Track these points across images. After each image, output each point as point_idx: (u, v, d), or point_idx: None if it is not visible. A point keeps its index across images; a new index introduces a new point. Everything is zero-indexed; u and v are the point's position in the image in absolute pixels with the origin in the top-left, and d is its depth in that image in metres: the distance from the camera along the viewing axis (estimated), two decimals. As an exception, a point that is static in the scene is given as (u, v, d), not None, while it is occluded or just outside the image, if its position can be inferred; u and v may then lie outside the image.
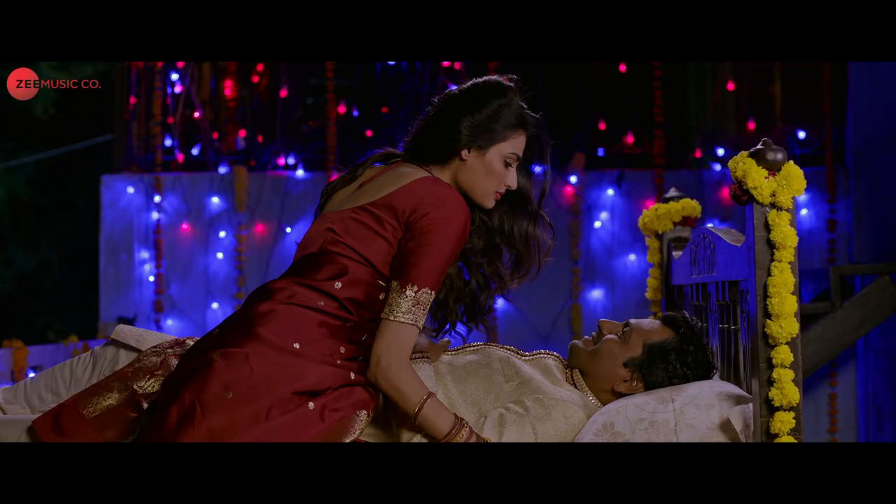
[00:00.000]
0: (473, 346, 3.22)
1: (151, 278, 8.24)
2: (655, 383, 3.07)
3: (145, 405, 2.84)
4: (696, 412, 2.84)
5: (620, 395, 3.09)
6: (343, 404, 2.71)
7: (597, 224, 8.23)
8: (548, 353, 3.25)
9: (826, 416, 7.67)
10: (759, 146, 2.67)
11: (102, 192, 8.29)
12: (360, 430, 2.72)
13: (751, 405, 2.70)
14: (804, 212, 8.04)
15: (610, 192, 8.27)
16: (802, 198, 7.86)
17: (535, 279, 3.08)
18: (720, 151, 8.35)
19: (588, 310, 8.09)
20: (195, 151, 8.60)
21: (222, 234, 8.31)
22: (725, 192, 8.04)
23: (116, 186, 8.32)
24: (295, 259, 2.89)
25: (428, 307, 2.76)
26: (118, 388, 2.88)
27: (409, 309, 2.73)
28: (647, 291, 4.40)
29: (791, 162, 2.65)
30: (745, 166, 2.64)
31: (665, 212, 4.22)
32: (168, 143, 8.51)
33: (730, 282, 3.06)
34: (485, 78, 2.97)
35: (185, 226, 8.31)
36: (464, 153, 2.89)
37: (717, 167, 8.33)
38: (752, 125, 8.28)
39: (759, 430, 2.62)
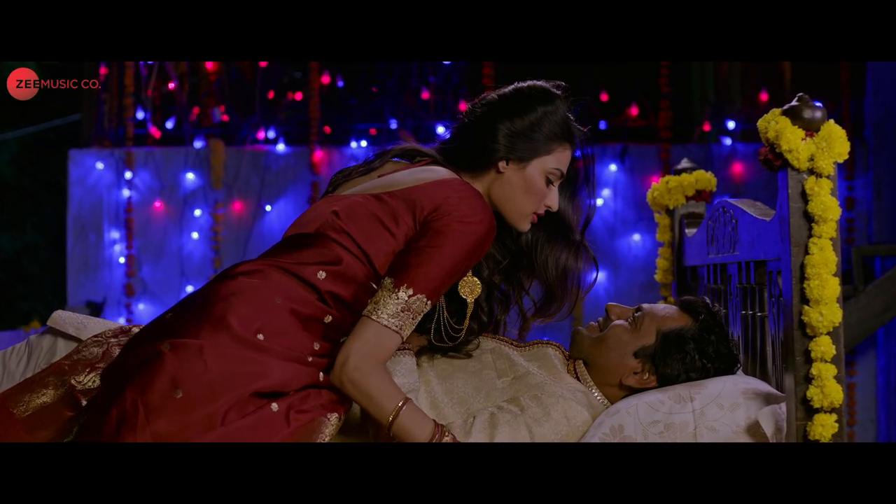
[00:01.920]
0: (461, 335, 2.98)
1: (122, 260, 8.19)
2: (670, 376, 2.83)
3: (84, 402, 2.64)
4: (719, 413, 2.62)
5: (630, 391, 2.86)
6: (311, 405, 2.49)
7: (598, 202, 8.03)
8: (547, 343, 3.02)
9: (843, 407, 7.41)
10: (794, 102, 2.45)
11: (70, 169, 8.23)
12: (331, 434, 2.52)
13: (783, 405, 2.51)
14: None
15: (612, 167, 8.11)
16: None
17: (565, 317, 2.95)
18: (730, 124, 8.23)
19: (589, 294, 7.81)
20: (169, 125, 8.52)
21: (198, 212, 8.24)
22: (737, 168, 7.91)
23: (85, 162, 8.26)
24: (284, 236, 2.71)
25: (418, 318, 2.56)
26: (54, 383, 2.67)
27: (396, 313, 2.52)
28: (655, 273, 4.21)
29: (831, 121, 2.45)
30: (777, 126, 2.43)
31: (677, 185, 3.99)
32: (140, 115, 8.42)
33: (756, 262, 2.85)
34: (529, 82, 2.80)
35: (157, 204, 8.24)
36: (501, 165, 2.71)
37: (728, 141, 8.20)
38: (764, 96, 8.14)
39: (795, 435, 2.40)
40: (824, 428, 2.36)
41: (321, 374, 2.55)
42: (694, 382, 2.76)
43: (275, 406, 2.44)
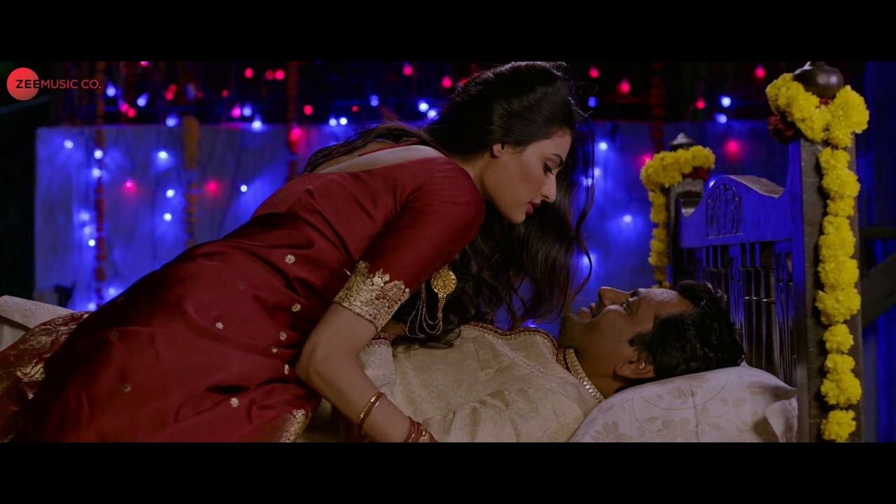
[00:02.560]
0: (440, 322, 2.85)
1: (92, 242, 8.17)
2: (668, 366, 2.69)
3: (31, 396, 2.48)
4: (723, 409, 2.47)
5: (624, 382, 2.73)
6: (276, 401, 2.36)
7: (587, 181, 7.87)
8: (535, 330, 2.88)
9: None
10: (806, 67, 2.29)
11: (38, 148, 8.29)
12: (297, 433, 2.38)
13: (794, 401, 2.38)
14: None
15: (603, 146, 8.07)
16: None
17: (556, 320, 2.88)
18: (725, 101, 8.16)
19: (579, 279, 7.77)
20: (141, 102, 8.50)
21: (171, 193, 8.19)
22: (732, 146, 7.87)
23: (53, 141, 8.25)
24: (252, 216, 2.61)
25: (395, 306, 2.42)
26: (-3, 374, 2.54)
27: (370, 300, 2.38)
28: (649, 256, 4.11)
29: (848, 87, 2.29)
30: (789, 92, 2.27)
31: (673, 161, 3.88)
32: (111, 92, 8.40)
33: (761, 243, 2.73)
34: (528, 62, 2.71)
35: (129, 184, 8.22)
36: (496, 148, 2.62)
37: (722, 118, 8.14)
38: (760, 72, 8.08)
39: (808, 434, 2.25)
40: (840, 426, 2.20)
41: (287, 366, 2.41)
42: (694, 375, 2.63)
43: (235, 401, 2.30)
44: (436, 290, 2.68)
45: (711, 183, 3.30)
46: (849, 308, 2.20)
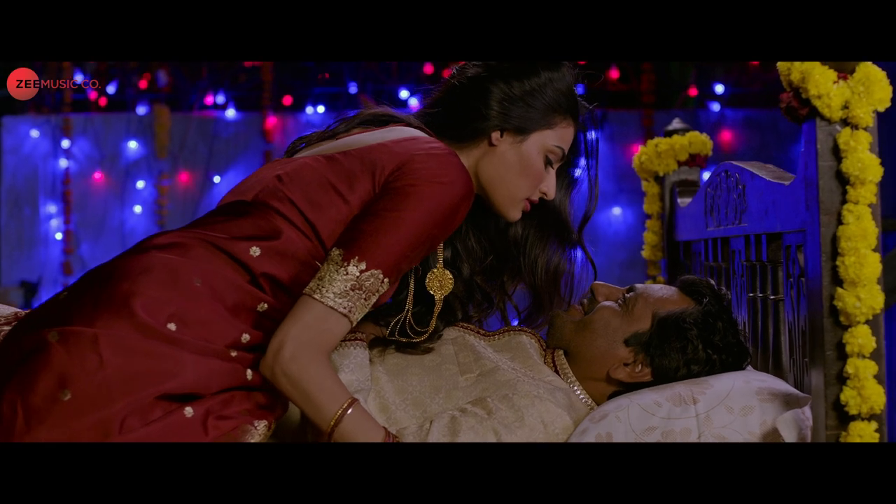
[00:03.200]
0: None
1: (59, 235, 8.16)
2: (667, 369, 2.54)
3: None
4: (728, 418, 2.31)
5: (619, 386, 2.58)
6: (235, 410, 2.22)
7: (576, 172, 7.88)
8: (521, 330, 2.73)
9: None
10: None
11: (3, 137, 8.36)
12: None
13: (807, 409, 2.23)
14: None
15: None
16: None
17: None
18: (718, 88, 8.16)
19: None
20: (111, 89, 8.46)
21: (141, 184, 8.20)
22: (726, 135, 7.92)
23: (19, 130, 8.25)
24: (218, 204, 2.48)
25: (373, 298, 2.27)
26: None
27: (344, 291, 2.23)
28: (642, 250, 4.04)
29: (869, 62, 2.15)
30: (803, 66, 2.14)
31: (667, 148, 3.77)
32: (79, 79, 8.37)
33: (769, 234, 2.60)
34: None
35: (97, 175, 8.19)
36: (494, 136, 2.49)
37: (716, 106, 8.14)
38: None
39: None
40: (862, 439, 2.05)
41: (249, 371, 2.26)
42: (696, 380, 2.47)
43: (189, 411, 2.16)
44: (431, 292, 2.56)
45: (706, 175, 3.26)
46: (871, 307, 2.06)
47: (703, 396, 2.35)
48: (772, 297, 2.62)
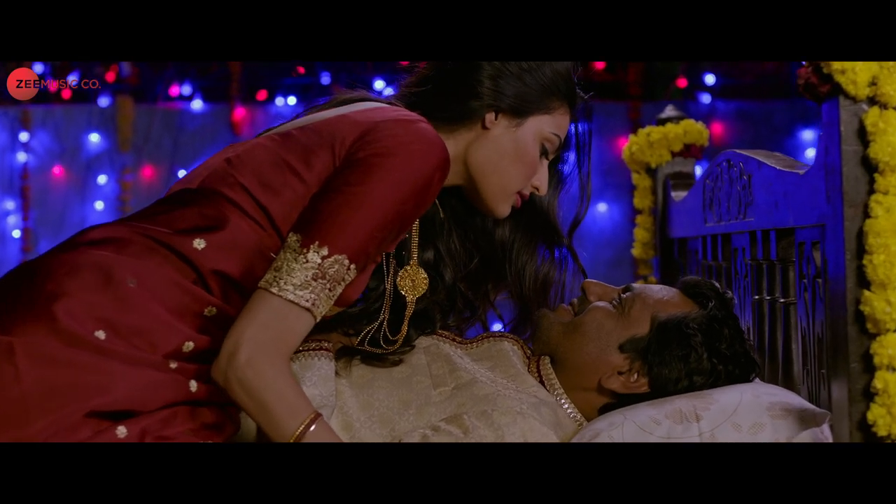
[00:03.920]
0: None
1: (17, 233, 8.04)
2: (667, 380, 2.38)
3: None
4: (736, 436, 2.17)
5: (611, 398, 2.41)
6: (177, 430, 2.07)
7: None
8: (502, 335, 2.57)
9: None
10: None
11: None
12: None
13: (826, 428, 2.14)
14: (810, 152, 7.71)
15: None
16: (809, 135, 7.75)
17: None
18: (709, 78, 8.14)
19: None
20: (72, 79, 8.33)
21: (103, 178, 8.09)
22: (717, 128, 7.89)
23: None
24: (165, 194, 2.35)
25: (338, 289, 2.09)
26: None
27: (305, 282, 2.04)
28: (632, 247, 4.01)
29: None
30: None
31: (660, 137, 3.74)
32: (38, 69, 8.15)
33: (778, 230, 2.49)
34: None
35: (57, 169, 8.09)
36: (489, 118, 2.34)
37: (706, 98, 8.13)
38: None
39: None
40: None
41: (194, 383, 2.08)
42: (698, 394, 2.32)
43: (122, 430, 2.00)
44: (403, 292, 2.42)
45: (699, 171, 3.30)
46: (904, 312, 1.91)
47: (707, 413, 2.20)
48: (781, 301, 2.51)
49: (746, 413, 2.18)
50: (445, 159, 2.18)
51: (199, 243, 2.09)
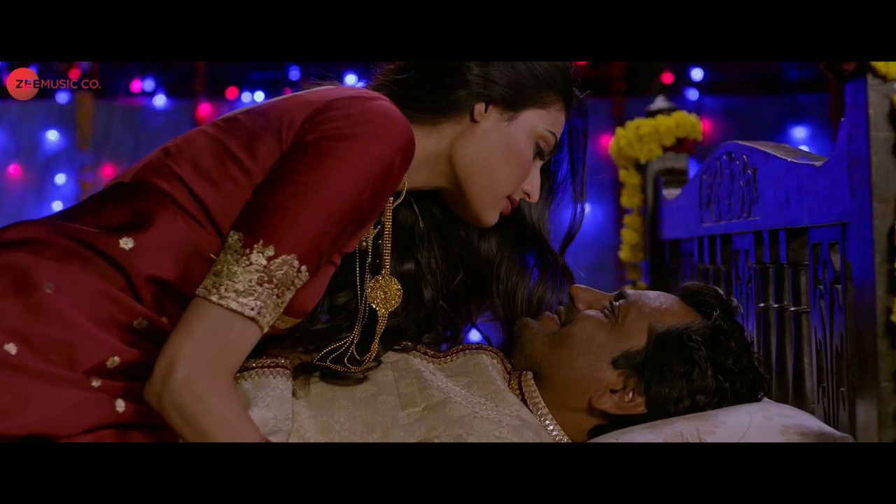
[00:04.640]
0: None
1: None
2: (667, 399, 2.22)
3: None
4: None
5: (603, 419, 2.24)
6: None
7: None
8: (479, 347, 2.39)
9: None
10: None
11: None
12: None
13: None
14: (802, 149, 7.73)
15: None
16: (800, 132, 7.73)
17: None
18: (696, 73, 8.16)
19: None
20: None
21: (61, 178, 8.18)
22: (704, 126, 7.70)
23: None
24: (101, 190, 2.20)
25: (287, 294, 1.91)
26: None
27: (249, 288, 1.86)
28: (619, 250, 3.95)
29: None
30: None
31: (651, 131, 3.66)
32: None
33: (788, 230, 2.33)
34: None
35: (13, 168, 8.18)
36: (478, 110, 2.17)
37: (693, 94, 8.13)
38: None
39: None
40: None
41: (121, 402, 1.90)
42: (701, 414, 2.16)
43: None
44: (374, 305, 2.25)
45: (692, 171, 3.20)
46: (944, 324, 1.71)
47: (712, 437, 2.05)
48: (792, 309, 2.35)
49: (757, 437, 2.05)
50: (409, 141, 1.98)
51: (126, 242, 1.92)
